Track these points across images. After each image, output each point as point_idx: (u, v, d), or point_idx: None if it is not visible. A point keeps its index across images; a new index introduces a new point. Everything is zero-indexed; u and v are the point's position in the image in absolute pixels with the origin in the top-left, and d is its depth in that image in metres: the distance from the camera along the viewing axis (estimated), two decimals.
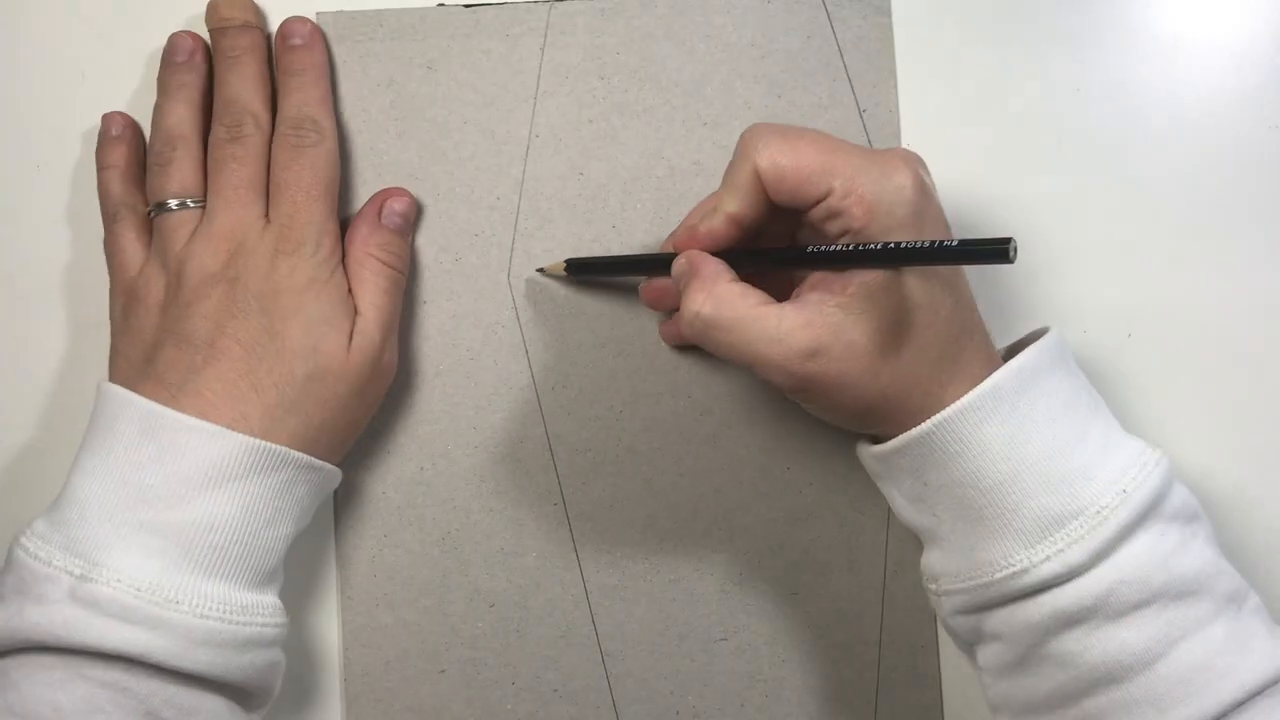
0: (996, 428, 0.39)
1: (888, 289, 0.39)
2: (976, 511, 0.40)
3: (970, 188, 0.48)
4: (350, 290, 0.45)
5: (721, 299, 0.40)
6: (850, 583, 0.48)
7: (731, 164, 0.41)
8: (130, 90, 0.49)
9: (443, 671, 0.48)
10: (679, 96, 0.48)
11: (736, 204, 0.41)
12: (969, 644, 0.43)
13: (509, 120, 0.49)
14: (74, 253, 0.49)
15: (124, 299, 0.45)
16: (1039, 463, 0.39)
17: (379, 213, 0.47)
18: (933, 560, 0.43)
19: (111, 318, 0.46)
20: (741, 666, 0.48)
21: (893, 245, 0.38)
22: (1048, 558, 0.38)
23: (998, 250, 0.35)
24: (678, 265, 0.42)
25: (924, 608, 0.48)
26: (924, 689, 0.48)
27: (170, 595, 0.39)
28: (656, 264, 0.45)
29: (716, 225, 0.42)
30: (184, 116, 0.46)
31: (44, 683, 0.38)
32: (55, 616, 0.38)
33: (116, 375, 0.44)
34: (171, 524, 0.39)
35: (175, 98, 0.47)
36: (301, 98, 0.47)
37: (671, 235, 0.44)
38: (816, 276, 0.40)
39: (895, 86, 0.48)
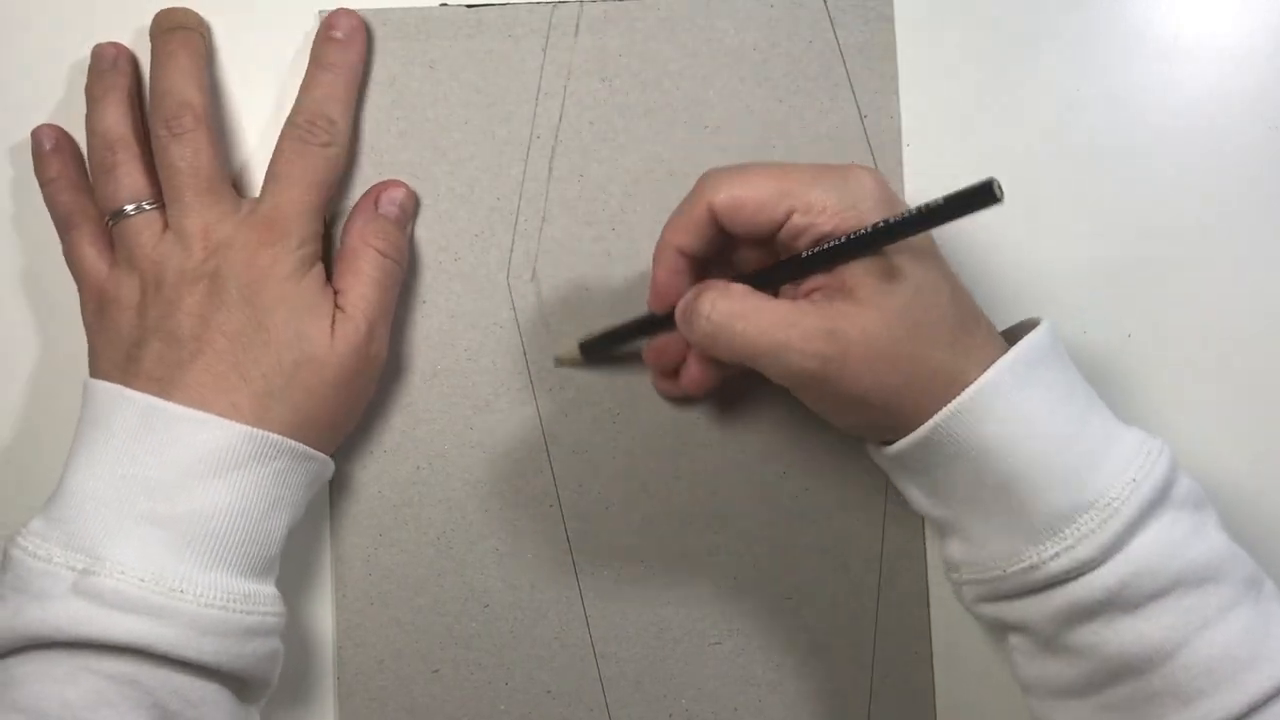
0: (995, 426, 0.39)
1: (885, 277, 0.39)
2: (986, 507, 0.40)
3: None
4: (329, 281, 0.45)
5: (734, 293, 0.40)
6: (845, 587, 0.48)
7: (682, 203, 0.42)
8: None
9: (436, 671, 0.48)
10: (680, 99, 0.49)
11: (683, 238, 0.41)
12: (996, 630, 0.43)
13: (510, 120, 0.49)
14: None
15: (95, 302, 0.45)
16: (1042, 458, 0.39)
17: (376, 202, 0.47)
18: (952, 550, 0.42)
19: (84, 321, 0.46)
20: (735, 670, 0.48)
21: (881, 224, 0.38)
22: (1057, 554, 0.38)
23: (983, 193, 0.35)
24: (683, 302, 0.42)
25: (918, 613, 0.48)
26: (918, 694, 0.48)
27: (174, 585, 0.39)
28: (661, 322, 0.44)
29: (667, 259, 0.42)
30: (118, 118, 0.46)
31: (51, 679, 0.38)
32: (60, 611, 0.38)
33: (99, 375, 0.44)
34: (173, 515, 0.40)
35: (106, 101, 0.46)
36: (323, 93, 0.46)
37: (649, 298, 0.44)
38: (811, 283, 0.41)
39: (896, 91, 0.48)
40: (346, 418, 0.46)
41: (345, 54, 0.47)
